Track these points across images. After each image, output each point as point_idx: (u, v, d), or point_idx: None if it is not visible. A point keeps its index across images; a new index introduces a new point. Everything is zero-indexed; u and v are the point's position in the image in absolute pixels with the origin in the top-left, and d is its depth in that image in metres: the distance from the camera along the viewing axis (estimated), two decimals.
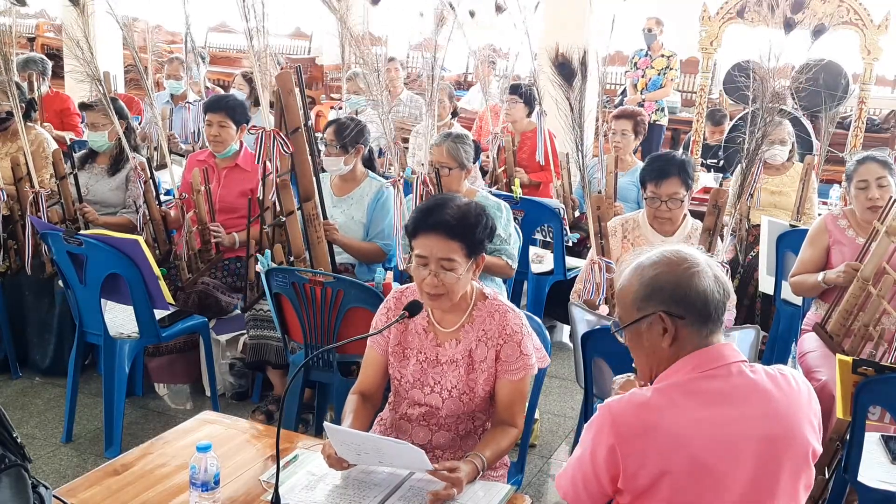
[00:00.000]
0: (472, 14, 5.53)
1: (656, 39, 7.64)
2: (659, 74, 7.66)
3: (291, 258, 3.33)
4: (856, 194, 3.34)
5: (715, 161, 6.25)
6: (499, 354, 2.22)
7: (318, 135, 4.23)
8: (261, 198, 3.54)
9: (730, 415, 1.65)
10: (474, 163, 3.86)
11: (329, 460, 2.01)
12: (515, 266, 3.64)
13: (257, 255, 3.36)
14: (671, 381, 1.70)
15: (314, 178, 3.26)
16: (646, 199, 3.22)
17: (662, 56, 7.67)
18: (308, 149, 3.21)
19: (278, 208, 3.50)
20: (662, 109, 7.72)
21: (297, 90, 3.18)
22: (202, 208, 3.82)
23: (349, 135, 3.75)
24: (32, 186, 3.97)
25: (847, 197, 3.52)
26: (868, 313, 2.95)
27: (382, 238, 3.72)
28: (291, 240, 3.30)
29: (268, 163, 3.50)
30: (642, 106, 7.12)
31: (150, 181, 3.95)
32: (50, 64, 6.19)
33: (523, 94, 5.44)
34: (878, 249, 2.95)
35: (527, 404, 2.30)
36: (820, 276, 3.26)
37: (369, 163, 3.99)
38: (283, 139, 3.22)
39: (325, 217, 3.43)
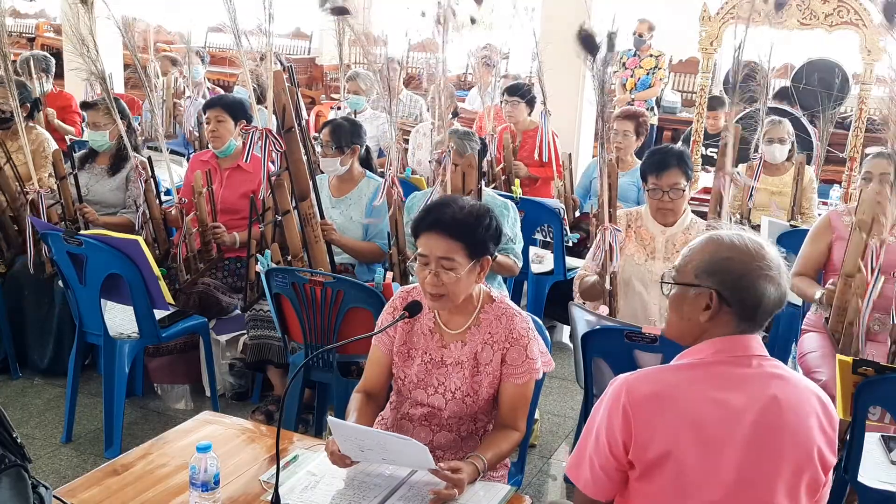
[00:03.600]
0: (472, 20, 5.52)
1: (646, 43, 7.66)
2: (648, 74, 7.67)
3: (289, 258, 3.33)
4: (860, 185, 3.36)
5: (716, 151, 6.23)
6: (504, 358, 2.22)
7: (317, 135, 4.23)
8: (262, 196, 3.54)
9: (740, 399, 1.68)
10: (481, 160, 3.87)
11: (332, 457, 2.01)
12: (521, 264, 3.66)
13: (257, 255, 3.36)
14: (692, 360, 1.74)
15: (310, 178, 3.26)
16: (648, 191, 3.25)
17: (651, 56, 7.69)
18: (303, 148, 3.20)
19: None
20: (652, 108, 7.74)
21: (290, 89, 3.16)
22: (203, 210, 3.81)
23: (345, 135, 3.75)
24: (31, 185, 3.97)
25: (849, 193, 3.53)
26: (851, 311, 2.95)
27: (382, 238, 3.72)
28: (288, 239, 3.30)
29: (270, 164, 3.51)
30: (632, 105, 7.13)
31: (151, 180, 3.95)
32: (53, 62, 6.20)
33: (523, 94, 5.45)
34: (851, 244, 2.94)
35: (529, 408, 2.30)
36: (818, 293, 3.25)
37: (367, 163, 3.99)
38: (275, 138, 3.21)
39: (321, 217, 3.42)
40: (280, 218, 3.29)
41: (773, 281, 1.71)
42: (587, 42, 2.93)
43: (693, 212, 3.43)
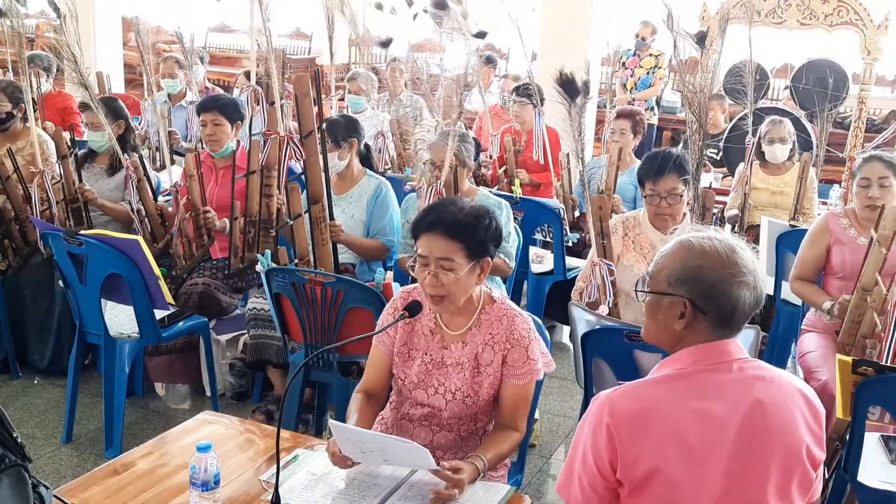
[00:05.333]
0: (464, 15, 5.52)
1: (647, 45, 7.66)
2: (648, 73, 7.66)
3: (296, 260, 3.33)
4: (857, 192, 3.35)
5: (714, 151, 6.23)
6: (505, 358, 2.22)
7: None
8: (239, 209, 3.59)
9: (723, 407, 1.66)
10: (475, 160, 3.87)
11: (333, 458, 2.01)
12: (513, 265, 3.65)
13: (257, 255, 3.37)
14: (672, 371, 1.72)
15: (324, 182, 3.28)
16: (645, 196, 3.21)
17: (651, 55, 7.68)
18: (321, 153, 3.22)
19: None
20: (652, 108, 7.74)
21: (312, 93, 3.18)
22: (195, 193, 3.81)
23: (340, 130, 3.75)
24: (34, 174, 3.99)
25: (849, 194, 3.52)
26: (865, 324, 2.93)
27: (384, 234, 3.73)
28: (297, 242, 3.31)
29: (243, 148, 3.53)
30: (632, 104, 7.13)
31: (145, 179, 3.96)
32: (55, 62, 6.19)
33: (531, 95, 5.45)
34: (870, 259, 2.93)
35: (529, 408, 2.30)
36: (827, 304, 3.24)
37: (367, 161, 3.99)
38: (296, 145, 3.23)
39: (331, 218, 3.43)
40: (291, 222, 3.31)
41: (748, 286, 1.68)
42: (567, 87, 2.94)
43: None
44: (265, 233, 3.73)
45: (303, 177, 3.66)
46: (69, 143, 4.02)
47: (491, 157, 5.39)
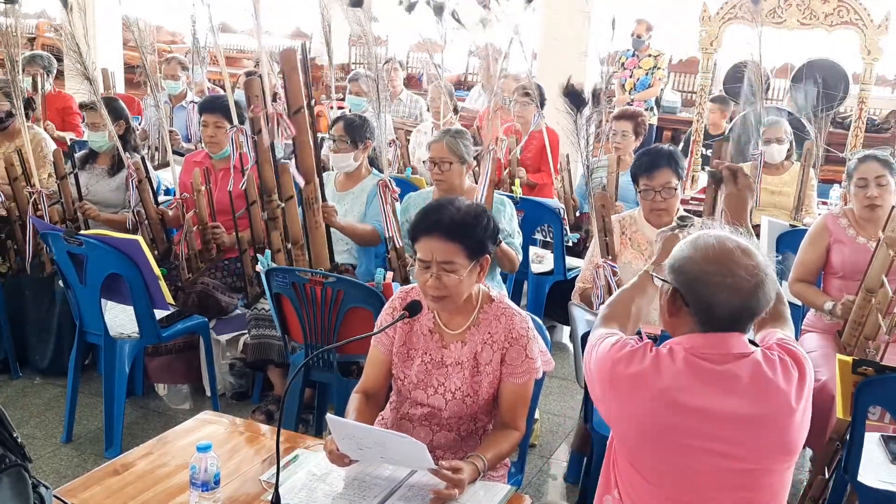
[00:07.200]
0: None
1: (645, 44, 7.66)
2: (647, 74, 7.66)
3: (289, 245, 3.31)
4: (855, 192, 3.36)
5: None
6: (504, 357, 2.22)
7: (321, 135, 4.22)
8: (243, 187, 3.54)
9: (707, 395, 1.69)
10: (474, 158, 3.87)
11: (331, 456, 2.01)
12: (521, 258, 3.66)
13: (257, 255, 3.36)
14: (669, 349, 1.76)
15: (315, 161, 3.19)
16: (640, 192, 3.26)
17: (650, 56, 7.68)
18: (311, 130, 3.13)
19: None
20: (651, 109, 7.73)
21: (300, 69, 3.11)
22: (203, 208, 3.81)
23: (358, 130, 3.75)
24: (32, 186, 3.98)
25: (847, 195, 3.53)
26: (868, 326, 2.93)
27: (378, 221, 3.72)
28: (289, 225, 3.27)
29: (245, 154, 3.51)
30: (631, 105, 7.13)
31: (146, 181, 3.95)
32: (55, 62, 6.19)
33: (534, 95, 5.45)
34: (876, 260, 2.93)
35: (529, 408, 2.30)
36: (828, 305, 3.24)
37: (372, 160, 4.00)
38: (286, 122, 3.18)
39: (324, 200, 3.38)
40: (283, 204, 3.27)
41: (730, 289, 1.68)
42: (573, 97, 2.97)
43: (692, 212, 3.43)
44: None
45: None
46: (69, 145, 4.01)
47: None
